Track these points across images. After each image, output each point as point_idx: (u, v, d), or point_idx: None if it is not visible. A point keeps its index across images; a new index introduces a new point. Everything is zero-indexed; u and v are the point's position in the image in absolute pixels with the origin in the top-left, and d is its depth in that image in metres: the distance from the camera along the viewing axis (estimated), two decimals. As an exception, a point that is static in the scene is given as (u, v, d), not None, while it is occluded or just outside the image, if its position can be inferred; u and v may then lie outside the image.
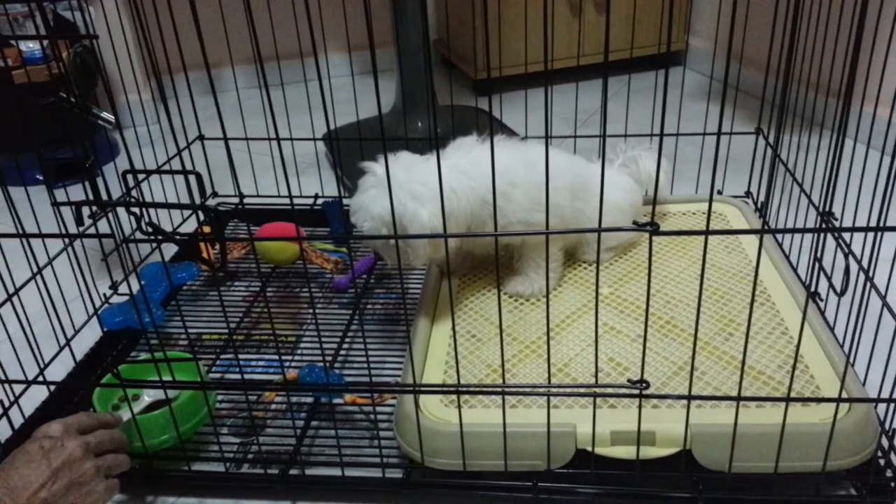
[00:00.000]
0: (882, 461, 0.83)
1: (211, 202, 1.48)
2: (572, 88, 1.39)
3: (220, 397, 1.03)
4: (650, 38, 2.22)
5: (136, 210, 1.09)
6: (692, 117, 1.43)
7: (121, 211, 1.25)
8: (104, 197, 0.94)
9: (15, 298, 0.95)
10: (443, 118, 1.76)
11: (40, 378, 0.96)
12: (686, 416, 0.78)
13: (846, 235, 0.94)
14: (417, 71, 1.68)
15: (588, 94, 2.03)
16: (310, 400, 1.01)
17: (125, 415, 0.88)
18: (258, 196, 1.48)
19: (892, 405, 0.80)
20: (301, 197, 1.45)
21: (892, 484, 0.81)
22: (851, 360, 0.83)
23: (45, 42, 1.64)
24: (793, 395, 0.74)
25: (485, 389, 0.89)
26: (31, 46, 1.69)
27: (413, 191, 0.92)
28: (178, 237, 1.32)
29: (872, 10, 0.69)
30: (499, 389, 0.85)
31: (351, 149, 1.53)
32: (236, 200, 1.48)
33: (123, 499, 0.91)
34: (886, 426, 0.84)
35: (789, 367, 0.89)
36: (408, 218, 0.92)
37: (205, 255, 1.28)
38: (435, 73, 1.80)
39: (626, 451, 0.81)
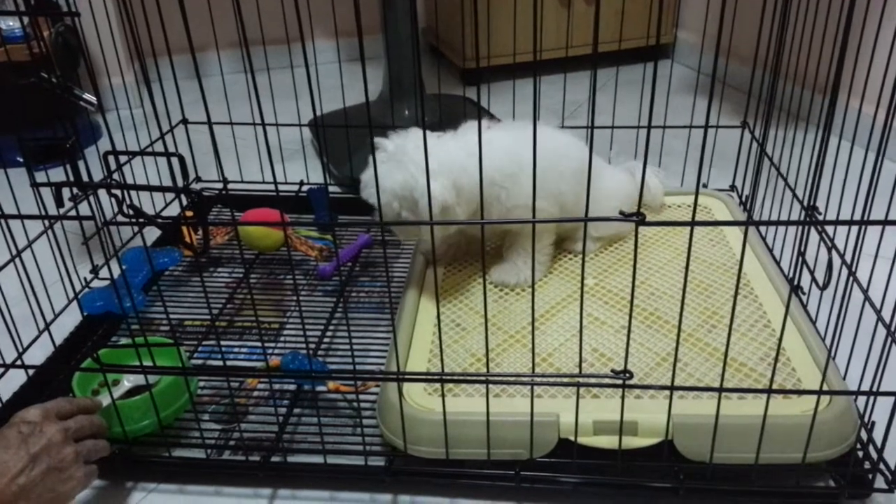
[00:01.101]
0: (861, 453, 0.84)
1: (195, 187, 1.47)
2: (560, 79, 1.39)
3: (201, 384, 1.02)
4: (639, 30, 2.23)
5: (118, 192, 1.08)
6: (679, 110, 1.43)
7: (102, 193, 1.23)
8: (85, 179, 0.93)
9: (-7, 281, 0.94)
10: (430, 107, 1.75)
11: (19, 362, 0.94)
12: (668, 406, 0.78)
13: (829, 229, 0.95)
14: (405, 59, 1.67)
15: (576, 85, 2.03)
16: (293, 387, 1.01)
17: (105, 400, 0.87)
18: (242, 182, 1.47)
19: (871, 398, 0.81)
20: (286, 183, 1.44)
21: (871, 476, 0.82)
22: (833, 353, 0.83)
23: (26, 20, 1.62)
24: (774, 387, 0.75)
25: (469, 378, 0.89)
26: (10, 24, 1.66)
27: (424, 165, 0.92)
28: (160, 221, 1.31)
29: (860, 6, 0.70)
30: (483, 378, 0.85)
31: (337, 136, 1.52)
32: (220, 186, 1.47)
33: (103, 485, 0.90)
34: (866, 419, 0.85)
35: (771, 359, 0.90)
36: (419, 191, 0.92)
37: (187, 239, 1.27)
38: (423, 61, 1.79)
39: (608, 441, 0.81)
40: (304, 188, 1.43)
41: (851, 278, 0.84)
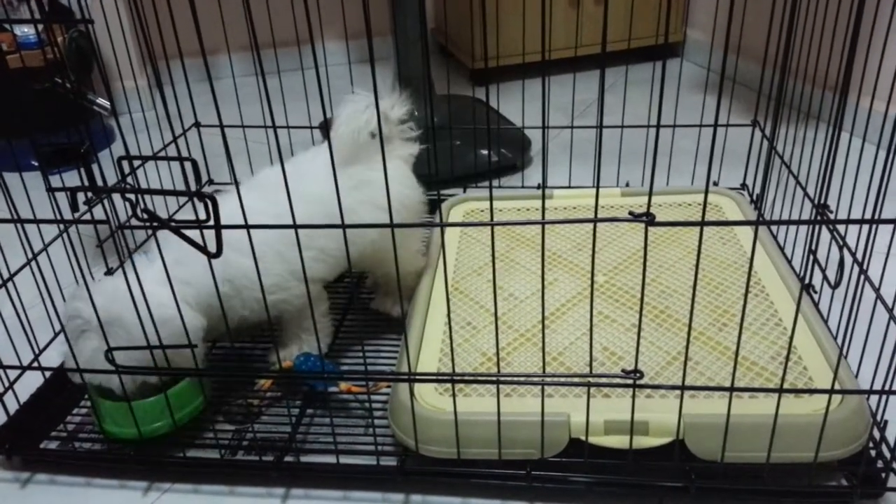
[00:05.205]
0: (873, 452, 0.84)
1: (207, 190, 1.48)
2: (570, 79, 1.39)
3: (215, 385, 1.03)
4: (648, 29, 2.22)
5: (132, 196, 1.09)
6: (689, 109, 1.43)
7: (116, 197, 1.25)
8: (99, 183, 0.94)
9: (10, 284, 0.95)
10: (439, 108, 1.76)
11: (35, 364, 0.96)
12: (679, 406, 0.78)
13: (841, 228, 0.95)
14: (415, 60, 1.68)
15: (585, 84, 2.03)
16: (305, 388, 1.01)
17: None
18: (254, 184, 1.47)
19: (883, 397, 0.81)
20: (297, 185, 1.45)
21: (883, 475, 0.82)
22: (844, 351, 0.83)
23: (40, 26, 1.63)
24: (786, 386, 0.75)
25: (479, 378, 0.89)
26: (25, 31, 1.67)
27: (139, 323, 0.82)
28: (173, 224, 1.32)
29: (870, 3, 0.69)
30: (493, 378, 0.85)
31: (347, 137, 1.52)
32: (232, 188, 1.48)
33: (118, 484, 0.91)
34: (878, 417, 0.85)
35: (782, 358, 0.90)
36: (168, 326, 0.84)
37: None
38: (432, 62, 1.79)
39: (619, 441, 0.81)
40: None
41: (863, 276, 0.84)
